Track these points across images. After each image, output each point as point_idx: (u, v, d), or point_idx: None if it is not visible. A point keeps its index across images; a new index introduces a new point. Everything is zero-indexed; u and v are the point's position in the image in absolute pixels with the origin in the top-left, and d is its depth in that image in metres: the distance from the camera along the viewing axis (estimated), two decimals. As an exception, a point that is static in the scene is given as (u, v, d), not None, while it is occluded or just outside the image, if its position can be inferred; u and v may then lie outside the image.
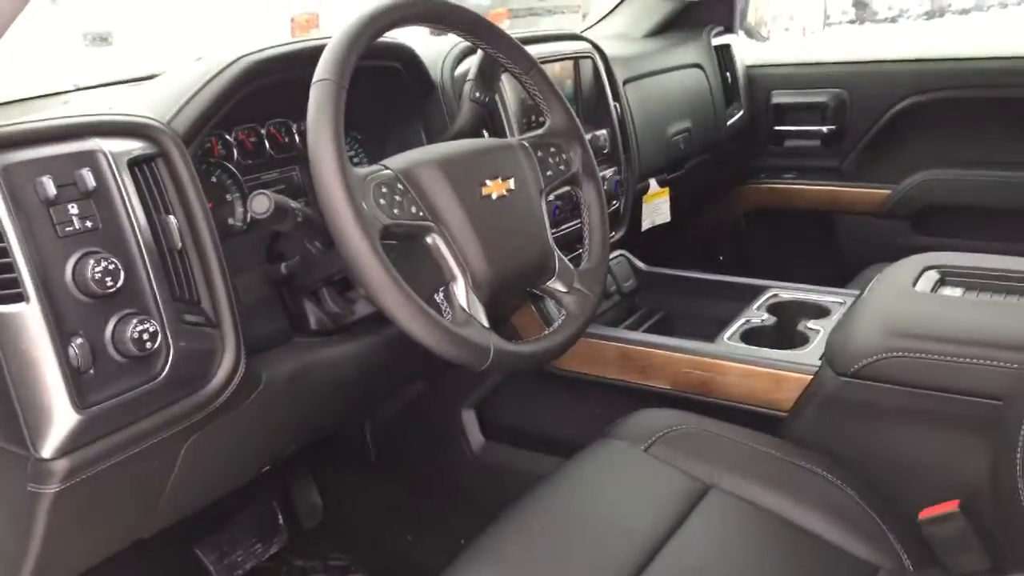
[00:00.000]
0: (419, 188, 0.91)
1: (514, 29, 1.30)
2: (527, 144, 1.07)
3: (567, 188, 1.14)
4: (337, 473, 1.71)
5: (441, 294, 0.93)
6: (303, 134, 1.20)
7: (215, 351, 0.86)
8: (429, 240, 0.92)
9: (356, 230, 0.81)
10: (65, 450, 0.75)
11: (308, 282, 1.04)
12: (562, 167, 1.09)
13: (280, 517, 1.51)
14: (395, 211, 0.88)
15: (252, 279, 1.03)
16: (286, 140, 1.19)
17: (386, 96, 1.23)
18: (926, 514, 1.05)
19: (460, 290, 0.92)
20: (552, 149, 1.09)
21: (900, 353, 1.10)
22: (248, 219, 1.09)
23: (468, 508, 1.55)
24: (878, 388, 1.13)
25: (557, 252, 1.06)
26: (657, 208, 1.77)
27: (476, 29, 1.02)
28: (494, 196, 0.98)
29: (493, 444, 1.54)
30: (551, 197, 1.15)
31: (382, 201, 0.87)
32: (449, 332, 0.86)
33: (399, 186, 0.90)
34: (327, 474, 1.68)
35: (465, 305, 0.91)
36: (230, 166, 1.09)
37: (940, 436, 1.10)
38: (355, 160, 1.28)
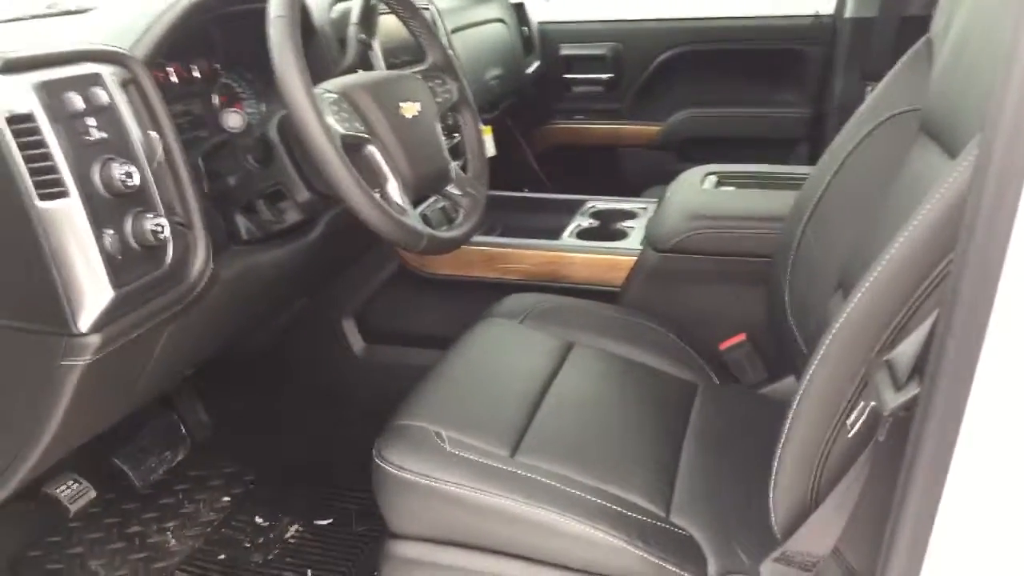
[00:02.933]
0: (357, 108, 1.12)
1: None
2: (419, 76, 1.30)
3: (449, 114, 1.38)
4: (223, 390, 1.82)
5: (377, 194, 1.15)
6: (204, 72, 1.35)
7: (191, 249, 1.02)
8: (367, 151, 1.13)
9: (325, 138, 1.01)
10: (101, 325, 0.90)
11: (244, 195, 1.21)
12: (447, 95, 1.34)
13: (183, 428, 1.62)
14: (345, 125, 1.08)
15: None
16: (186, 75, 1.32)
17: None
18: (724, 345, 1.46)
19: (394, 190, 1.14)
20: (438, 81, 1.33)
21: (699, 231, 1.49)
22: None
23: (354, 408, 1.75)
24: (685, 258, 1.51)
25: (452, 163, 1.30)
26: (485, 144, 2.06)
27: None
28: (408, 116, 1.20)
29: (373, 346, 1.76)
30: None
31: (334, 117, 1.07)
32: (395, 219, 1.09)
33: (344, 105, 1.10)
34: (214, 392, 1.79)
35: (400, 201, 1.14)
36: None
37: (730, 288, 1.51)
38: (243, 97, 1.44)
